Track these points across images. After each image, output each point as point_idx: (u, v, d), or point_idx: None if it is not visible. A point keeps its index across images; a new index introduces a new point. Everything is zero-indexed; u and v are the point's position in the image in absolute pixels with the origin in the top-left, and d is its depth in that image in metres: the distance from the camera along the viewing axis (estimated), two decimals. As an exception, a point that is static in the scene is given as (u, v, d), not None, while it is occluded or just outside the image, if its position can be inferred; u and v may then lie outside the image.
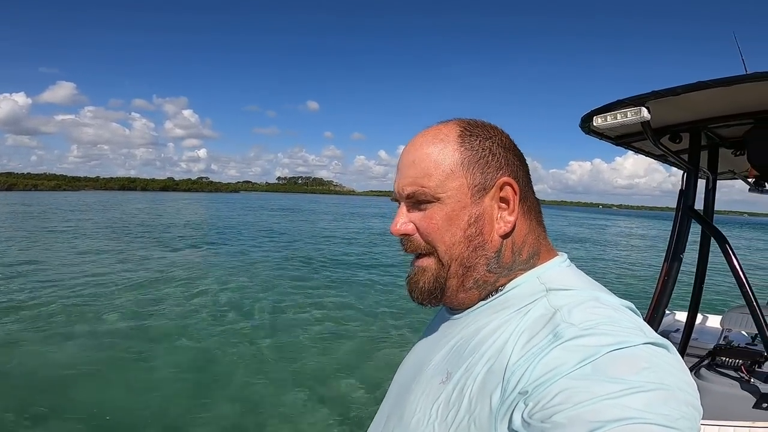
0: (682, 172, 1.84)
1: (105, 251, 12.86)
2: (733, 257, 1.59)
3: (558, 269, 0.55)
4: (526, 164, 0.58)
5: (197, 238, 17.23)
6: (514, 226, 0.54)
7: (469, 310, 0.56)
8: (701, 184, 1.91)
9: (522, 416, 0.39)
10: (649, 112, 1.35)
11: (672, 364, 0.40)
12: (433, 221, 0.54)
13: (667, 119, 1.59)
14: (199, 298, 7.89)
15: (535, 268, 0.55)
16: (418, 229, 0.55)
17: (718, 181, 2.10)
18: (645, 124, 1.41)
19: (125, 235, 17.37)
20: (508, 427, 0.40)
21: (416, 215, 0.55)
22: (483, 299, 0.55)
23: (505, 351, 0.45)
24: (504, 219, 0.54)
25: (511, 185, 0.54)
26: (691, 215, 1.72)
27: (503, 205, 0.54)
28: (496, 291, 0.55)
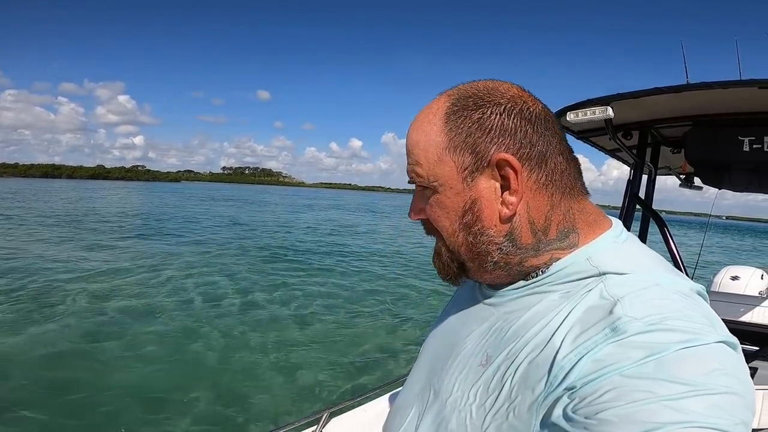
0: (624, 168, 2.12)
1: (42, 242, 11.85)
2: (670, 239, 1.86)
3: (612, 247, 0.49)
4: (552, 129, 0.50)
5: (142, 230, 16.26)
6: (520, 205, 0.48)
7: (508, 288, 0.52)
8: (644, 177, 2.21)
9: (564, 410, 0.38)
10: (613, 111, 1.55)
11: (742, 367, 0.38)
12: (433, 209, 0.51)
13: (623, 118, 1.82)
14: (165, 290, 7.57)
15: (583, 246, 0.49)
16: (426, 215, 0.53)
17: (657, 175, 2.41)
18: (608, 121, 1.62)
19: (64, 224, 16.02)
20: (548, 420, 0.39)
21: (424, 202, 0.53)
22: (523, 278, 0.51)
23: (553, 342, 0.42)
24: (506, 200, 0.48)
25: (508, 162, 0.47)
26: (635, 201, 2.00)
27: (505, 183, 0.48)
28: (537, 272, 0.50)
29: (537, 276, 0.50)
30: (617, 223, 0.53)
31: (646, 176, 2.29)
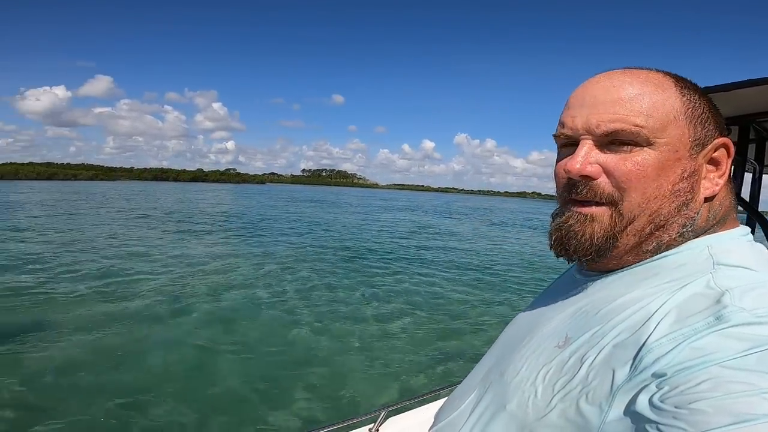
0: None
1: (153, 239, 13.63)
2: None
3: (736, 241, 0.49)
4: None
5: (238, 228, 17.84)
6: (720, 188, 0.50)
7: (612, 272, 0.51)
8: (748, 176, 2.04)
9: (650, 399, 0.36)
10: (702, 106, 1.50)
11: None
12: (639, 166, 0.47)
13: (718, 113, 1.72)
14: (248, 285, 8.23)
15: (710, 235, 0.49)
16: (609, 172, 0.48)
17: (764, 174, 2.20)
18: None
19: (180, 221, 18.29)
20: (631, 408, 0.37)
21: (609, 157, 0.48)
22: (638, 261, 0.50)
23: (647, 326, 0.40)
24: (713, 181, 0.49)
25: (727, 147, 0.49)
26: (737, 202, 1.87)
27: (711, 167, 0.50)
28: (657, 252, 0.49)
29: (650, 258, 0.49)
30: (745, 226, 0.53)
31: (750, 175, 2.12)
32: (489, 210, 49.89)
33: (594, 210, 0.49)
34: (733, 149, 0.50)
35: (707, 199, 0.49)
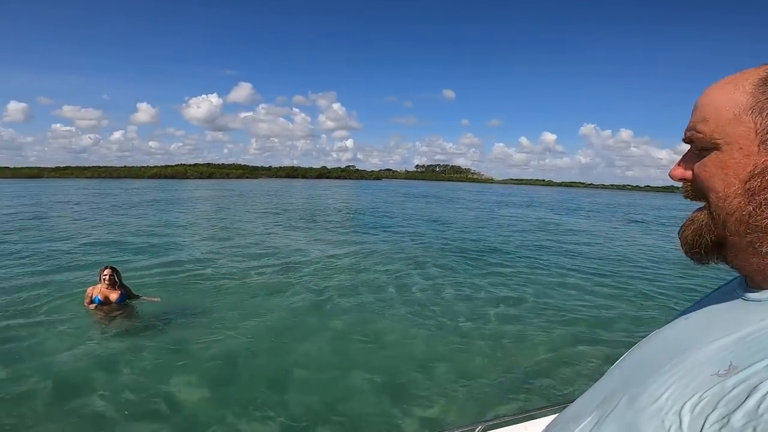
0: None
1: (291, 230, 15.27)
2: None
3: None
4: None
5: (361, 222, 19.07)
6: None
7: None
8: None
9: None
10: None
11: None
12: (708, 169, 0.48)
13: None
14: (359, 279, 8.76)
15: None
16: (694, 176, 0.51)
17: None
18: None
19: (301, 216, 20.42)
20: None
21: (696, 161, 0.50)
22: None
23: None
24: None
25: None
26: None
27: None
28: None
29: None
30: None
31: None
32: (627, 206, 44.11)
33: (695, 213, 0.52)
34: None
35: None
